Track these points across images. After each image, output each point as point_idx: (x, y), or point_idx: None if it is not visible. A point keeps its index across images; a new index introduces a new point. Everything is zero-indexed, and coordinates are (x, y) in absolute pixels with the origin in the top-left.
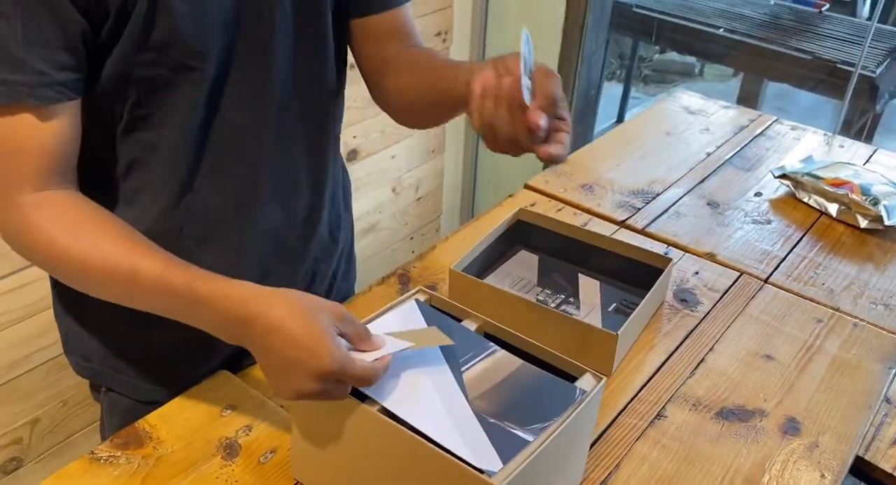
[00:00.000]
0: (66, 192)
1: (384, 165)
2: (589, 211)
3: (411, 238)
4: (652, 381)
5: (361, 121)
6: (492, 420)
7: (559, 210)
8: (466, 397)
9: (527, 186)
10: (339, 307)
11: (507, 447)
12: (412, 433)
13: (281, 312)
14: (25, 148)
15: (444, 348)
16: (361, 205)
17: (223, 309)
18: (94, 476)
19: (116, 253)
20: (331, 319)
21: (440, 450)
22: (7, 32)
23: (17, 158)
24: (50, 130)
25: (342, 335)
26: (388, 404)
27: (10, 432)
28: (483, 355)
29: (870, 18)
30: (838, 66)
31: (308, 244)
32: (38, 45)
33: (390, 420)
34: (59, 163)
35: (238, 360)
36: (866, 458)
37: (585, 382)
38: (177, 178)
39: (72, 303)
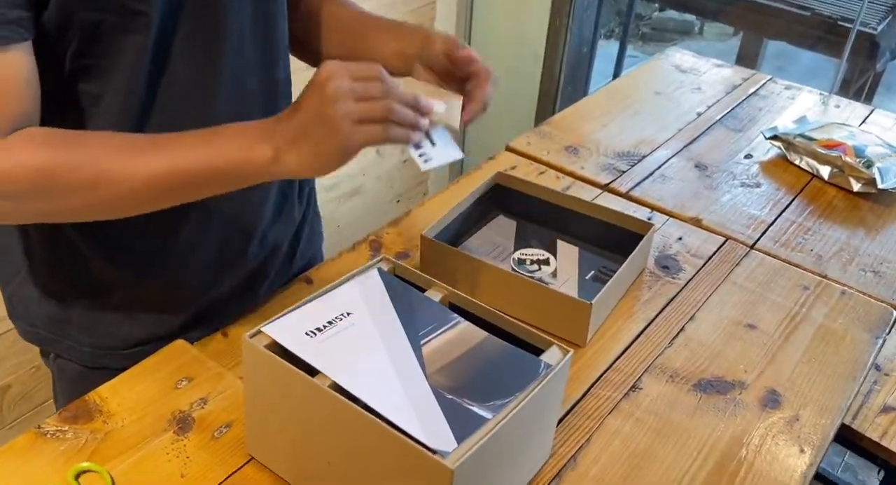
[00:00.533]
0: (29, 128)
1: None
2: (572, 174)
3: (398, 201)
4: (628, 351)
5: None
6: (449, 396)
7: (541, 173)
8: (424, 372)
9: (508, 148)
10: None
11: (463, 425)
12: (362, 410)
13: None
14: None
15: (403, 320)
16: (345, 168)
17: (251, 126)
18: (38, 452)
19: (136, 156)
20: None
21: (392, 428)
22: None
23: None
24: (14, 71)
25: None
26: (339, 380)
27: None
28: (445, 328)
29: None
30: (838, 22)
31: (262, 207)
32: None
33: (340, 396)
34: (21, 106)
35: (192, 324)
36: (853, 427)
37: (552, 355)
38: (125, 129)
39: (13, 267)
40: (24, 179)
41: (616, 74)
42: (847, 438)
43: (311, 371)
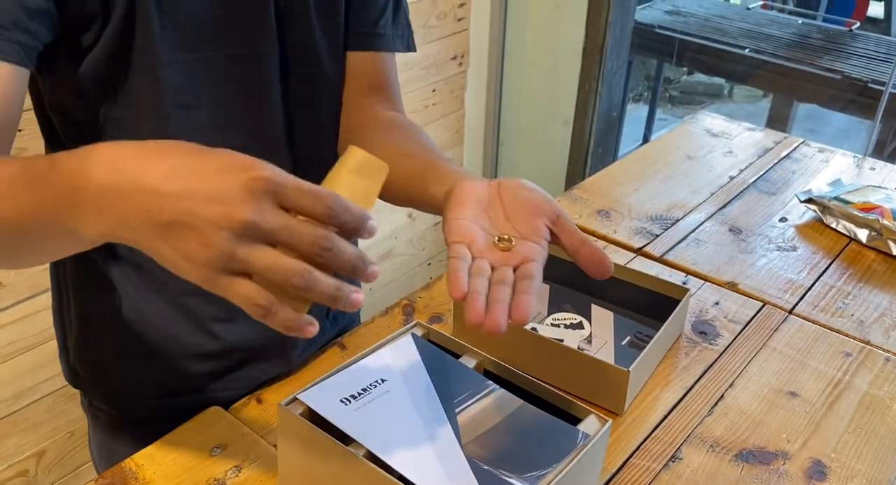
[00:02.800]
0: None
1: None
2: (604, 238)
3: (429, 264)
4: (667, 420)
5: None
6: (486, 467)
7: None
8: (460, 442)
9: None
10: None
11: None
12: (398, 481)
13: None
14: None
15: (438, 388)
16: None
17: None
18: None
19: None
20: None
21: None
22: None
23: None
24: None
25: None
26: (374, 448)
27: (17, 464)
28: (480, 395)
29: None
30: (869, 85)
31: None
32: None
33: (375, 466)
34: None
35: (222, 380)
36: None
37: (590, 424)
38: None
39: (58, 309)
40: None
41: (646, 137)
42: None
43: (346, 439)
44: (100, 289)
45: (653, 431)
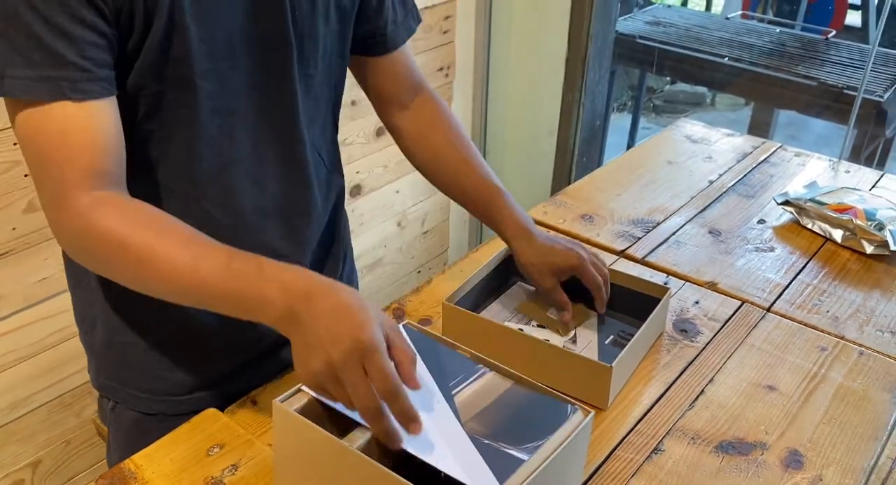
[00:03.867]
0: (122, 193)
1: (388, 199)
2: (588, 241)
3: (418, 272)
4: (649, 414)
5: (364, 156)
6: (486, 441)
7: None
8: (460, 421)
9: None
10: (392, 321)
11: (502, 468)
12: (393, 472)
13: (341, 289)
14: (75, 144)
15: (433, 373)
16: (366, 240)
17: (284, 282)
18: None
19: (179, 247)
20: (382, 317)
21: None
22: (49, 30)
23: (68, 155)
24: (97, 126)
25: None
26: None
27: (12, 473)
28: (473, 378)
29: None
30: (844, 91)
31: (308, 260)
32: (80, 43)
33: (370, 459)
34: (109, 160)
35: (239, 373)
36: None
37: (574, 416)
38: (182, 193)
39: (82, 319)
40: (72, 245)
41: (629, 146)
42: None
43: (349, 426)
44: (130, 296)
45: (636, 424)
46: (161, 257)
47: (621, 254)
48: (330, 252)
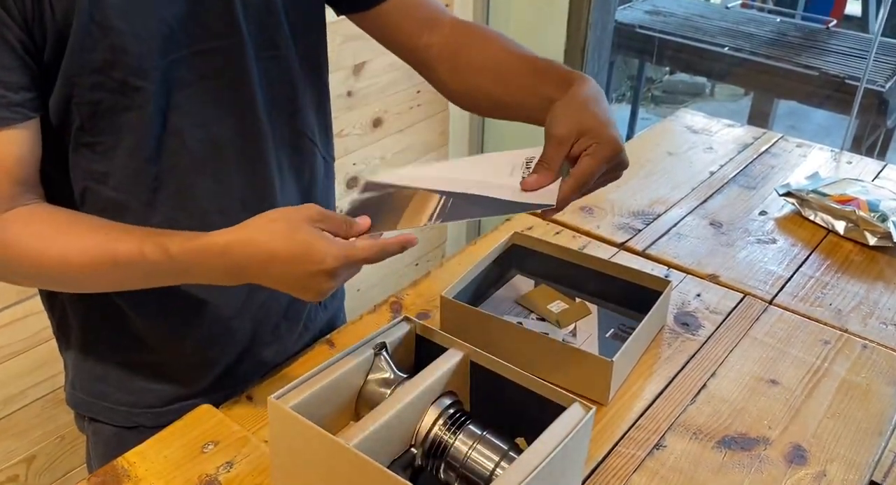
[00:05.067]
0: (30, 205)
1: None
2: (588, 233)
3: (416, 265)
4: (651, 409)
5: (361, 148)
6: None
7: (557, 233)
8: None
9: None
10: (310, 208)
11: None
12: (386, 469)
13: (263, 243)
14: None
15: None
16: None
17: (212, 266)
18: None
19: (92, 244)
20: (310, 222)
21: None
22: None
23: None
24: (12, 152)
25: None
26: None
27: (6, 469)
28: None
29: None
30: (846, 81)
31: None
32: None
33: (365, 456)
34: (23, 184)
35: (223, 380)
36: None
37: (574, 412)
38: (139, 202)
39: (59, 331)
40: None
41: (629, 137)
42: None
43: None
44: (107, 312)
45: (637, 419)
46: (79, 263)
47: (622, 246)
48: None
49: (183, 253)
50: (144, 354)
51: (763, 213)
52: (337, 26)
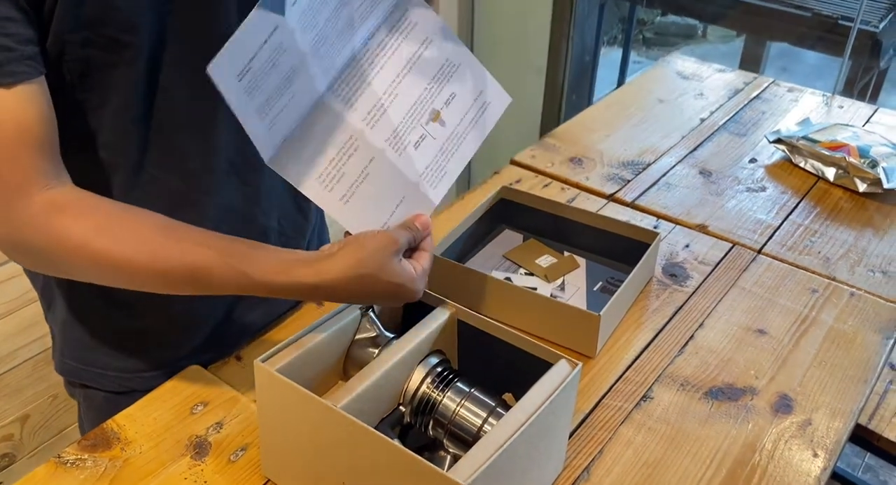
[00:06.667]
0: (73, 190)
1: None
2: (577, 185)
3: None
4: (638, 361)
5: None
6: None
7: (546, 186)
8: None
9: (513, 162)
10: (385, 238)
11: None
12: (375, 430)
13: (353, 292)
14: (11, 138)
15: None
16: None
17: (296, 292)
18: (59, 481)
19: (162, 252)
20: (392, 256)
21: (403, 447)
22: None
23: (6, 153)
24: (33, 112)
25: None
26: None
27: (1, 428)
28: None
29: None
30: (839, 22)
31: (272, 220)
32: None
33: (352, 417)
34: (50, 150)
35: (212, 342)
36: (869, 427)
37: (561, 368)
38: (127, 162)
39: (46, 299)
40: (31, 256)
41: (620, 81)
42: (864, 438)
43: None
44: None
45: (624, 372)
46: (149, 269)
47: (611, 198)
48: (299, 206)
49: (266, 286)
50: (131, 320)
51: (753, 160)
52: None
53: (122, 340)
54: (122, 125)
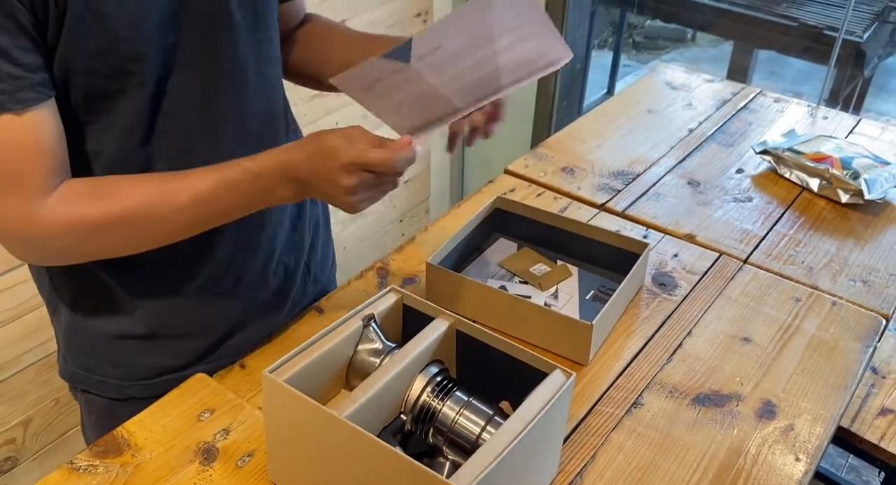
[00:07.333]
0: (74, 181)
1: None
2: (569, 195)
3: (400, 221)
4: (629, 368)
5: (343, 107)
6: None
7: (539, 195)
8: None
9: (507, 171)
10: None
11: None
12: (376, 438)
13: (313, 165)
14: (27, 156)
15: None
16: None
17: (277, 170)
18: None
19: (170, 185)
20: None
21: (404, 455)
22: None
23: (23, 167)
24: (42, 132)
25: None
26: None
27: (4, 432)
28: None
29: None
30: (824, 32)
31: (277, 241)
32: (9, 52)
33: (358, 427)
34: (58, 162)
35: (212, 353)
36: (852, 430)
37: (555, 378)
38: None
39: (49, 306)
40: (44, 252)
41: (611, 85)
42: (846, 440)
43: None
44: (93, 286)
45: (616, 379)
46: (156, 213)
47: (602, 207)
48: (299, 207)
49: (256, 170)
50: (132, 329)
51: (740, 171)
52: None
53: (122, 349)
54: (127, 146)
